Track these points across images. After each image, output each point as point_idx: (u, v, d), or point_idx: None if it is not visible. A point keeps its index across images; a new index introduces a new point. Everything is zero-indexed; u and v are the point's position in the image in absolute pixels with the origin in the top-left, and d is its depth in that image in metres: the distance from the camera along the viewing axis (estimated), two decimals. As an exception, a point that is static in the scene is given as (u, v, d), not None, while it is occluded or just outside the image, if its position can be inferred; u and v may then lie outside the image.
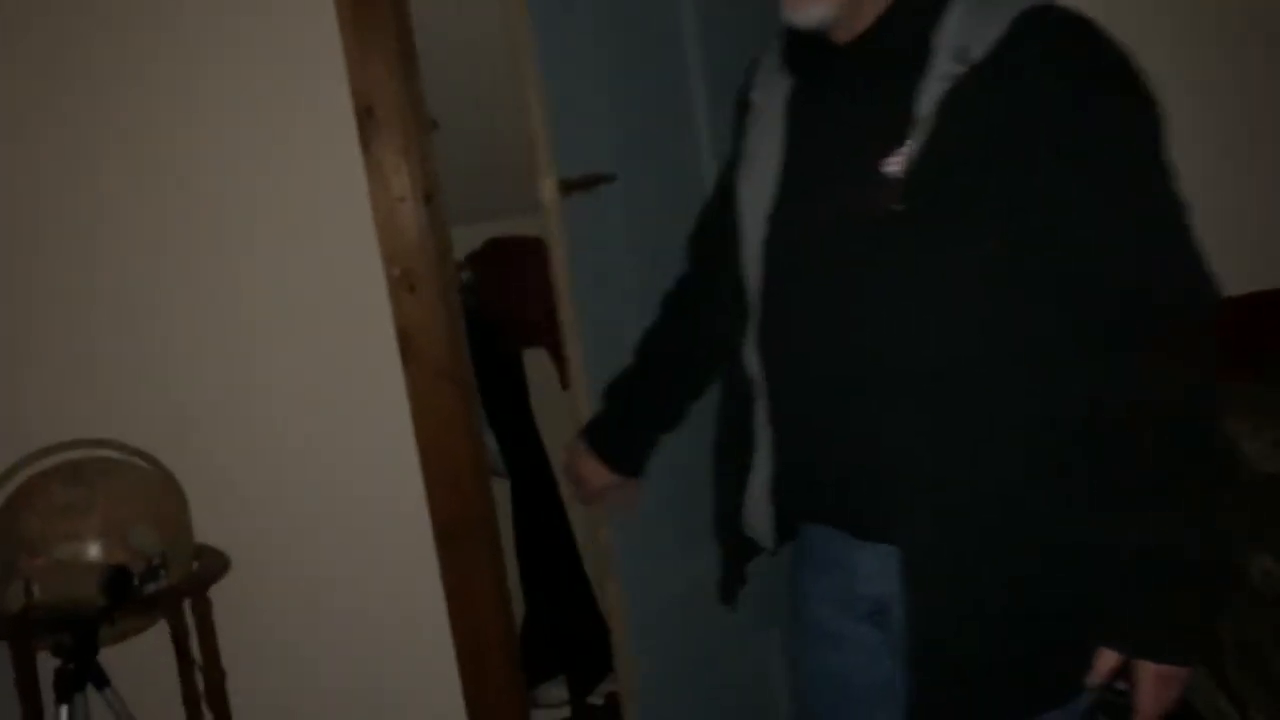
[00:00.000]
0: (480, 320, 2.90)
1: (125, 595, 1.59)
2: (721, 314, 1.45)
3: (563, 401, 3.42)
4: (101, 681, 1.62)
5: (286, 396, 2.13)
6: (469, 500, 2.18)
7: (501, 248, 3.18)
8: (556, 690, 3.16)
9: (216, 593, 1.98)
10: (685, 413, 1.70)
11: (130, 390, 2.10)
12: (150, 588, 1.66)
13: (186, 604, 1.91)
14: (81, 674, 1.56)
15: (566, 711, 3.16)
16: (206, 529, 2.03)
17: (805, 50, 1.35)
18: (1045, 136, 1.19)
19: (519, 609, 2.91)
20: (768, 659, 2.32)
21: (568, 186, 1.85)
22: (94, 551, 1.77)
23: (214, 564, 1.97)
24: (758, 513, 1.43)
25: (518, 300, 3.18)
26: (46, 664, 1.75)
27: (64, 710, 1.57)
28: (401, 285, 2.10)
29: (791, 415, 1.37)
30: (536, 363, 3.40)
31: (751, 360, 1.39)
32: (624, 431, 1.73)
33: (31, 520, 1.77)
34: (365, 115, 2.04)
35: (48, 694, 1.68)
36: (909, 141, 1.21)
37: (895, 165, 1.22)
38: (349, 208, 2.07)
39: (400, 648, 2.21)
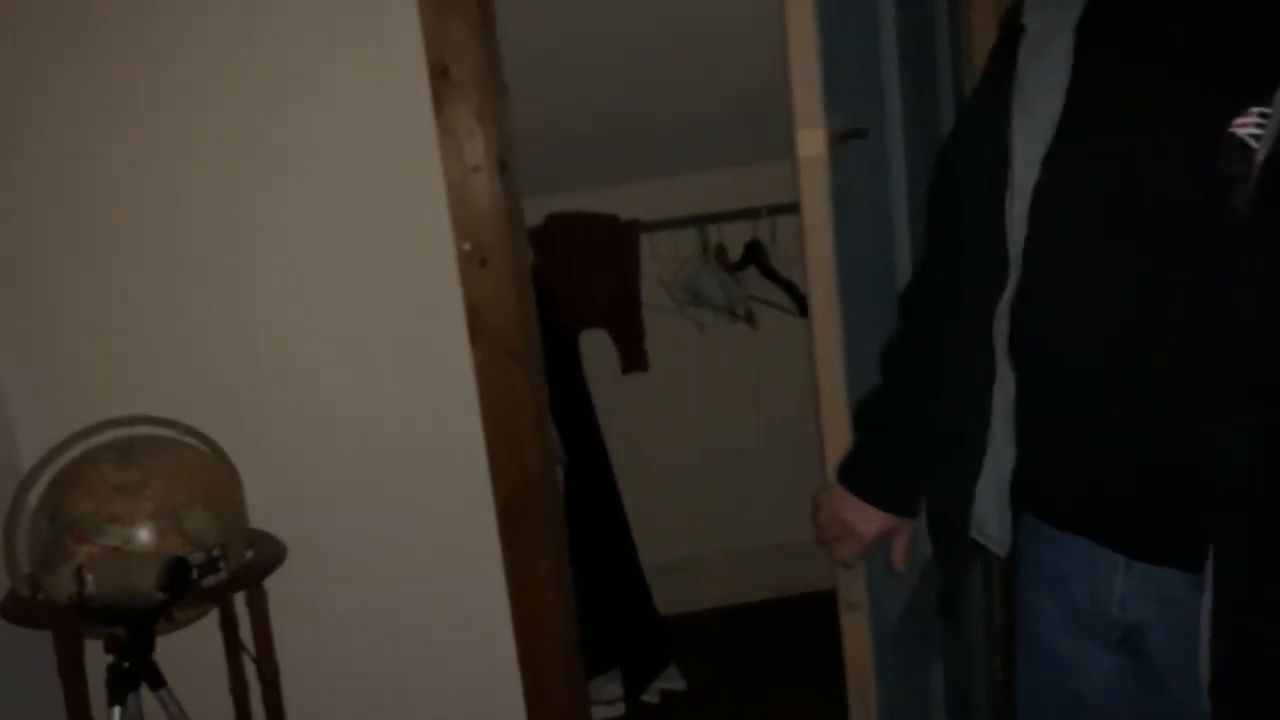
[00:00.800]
0: (539, 299, 2.79)
1: (184, 588, 1.46)
2: (972, 280, 1.24)
3: (621, 386, 3.34)
4: (157, 681, 1.50)
5: (347, 374, 2.01)
6: (534, 484, 2.06)
7: (564, 224, 3.06)
8: (610, 686, 3.04)
9: (270, 583, 1.86)
10: None
11: (182, 366, 1.98)
12: (209, 580, 1.54)
13: (239, 594, 1.79)
14: (137, 672, 1.44)
15: (620, 709, 3.05)
16: (260, 514, 1.91)
17: None
18: None
19: (574, 601, 2.79)
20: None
21: (838, 139, 1.57)
22: (145, 537, 1.65)
23: (269, 552, 1.84)
24: (991, 513, 1.26)
25: (581, 280, 3.06)
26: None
27: (116, 711, 1.45)
28: (472, 260, 1.97)
29: (1055, 403, 1.18)
30: (595, 345, 3.29)
31: (1001, 333, 1.20)
32: (891, 464, 1.46)
33: (82, 501, 1.65)
34: (440, 76, 1.90)
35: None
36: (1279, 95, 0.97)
37: (1249, 128, 0.99)
38: (419, 176, 1.94)
39: (460, 635, 2.10)
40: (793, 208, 3.21)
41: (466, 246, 1.96)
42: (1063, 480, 1.21)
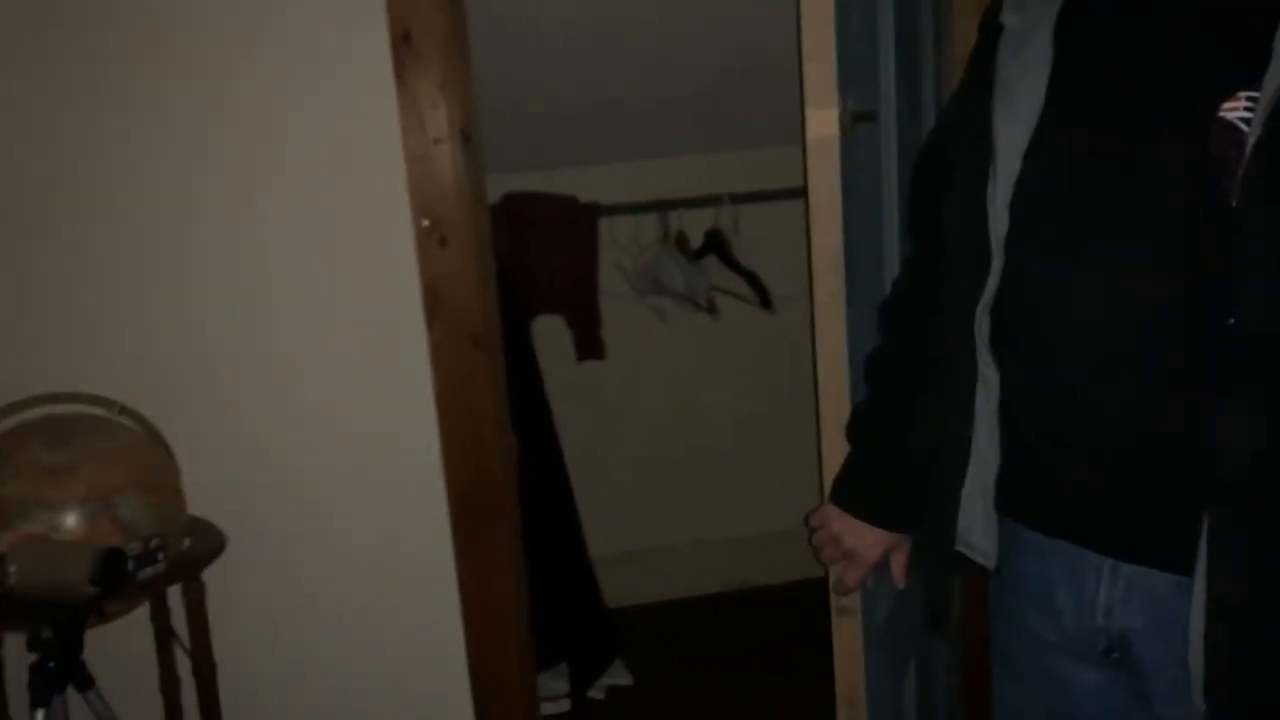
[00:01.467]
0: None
1: (119, 582, 1.35)
2: (954, 278, 1.21)
3: (576, 375, 3.26)
4: (85, 682, 1.39)
5: (293, 355, 1.91)
6: (492, 475, 1.98)
7: (521, 204, 2.95)
8: (555, 682, 2.95)
9: (208, 574, 1.75)
10: None
11: (118, 344, 1.86)
12: (147, 573, 1.42)
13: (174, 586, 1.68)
14: (63, 673, 1.33)
15: (565, 705, 2.96)
16: (198, 500, 1.79)
17: None
18: None
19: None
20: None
21: (850, 121, 1.51)
22: (74, 524, 1.53)
23: (208, 541, 1.74)
24: (977, 524, 1.22)
25: (537, 263, 2.96)
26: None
27: (40, 715, 1.33)
28: (432, 237, 1.87)
29: (1040, 401, 1.15)
30: (550, 331, 3.20)
31: (983, 330, 1.17)
32: (886, 480, 1.42)
33: (7, 483, 1.53)
34: (402, 42, 1.80)
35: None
36: (1267, 79, 0.96)
37: (1238, 111, 0.98)
38: (377, 147, 1.84)
39: (408, 630, 2.01)
40: (756, 197, 3.19)
41: (426, 223, 1.87)
42: (1049, 482, 1.17)
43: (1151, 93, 1.07)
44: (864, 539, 1.44)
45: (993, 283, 1.16)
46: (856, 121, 1.45)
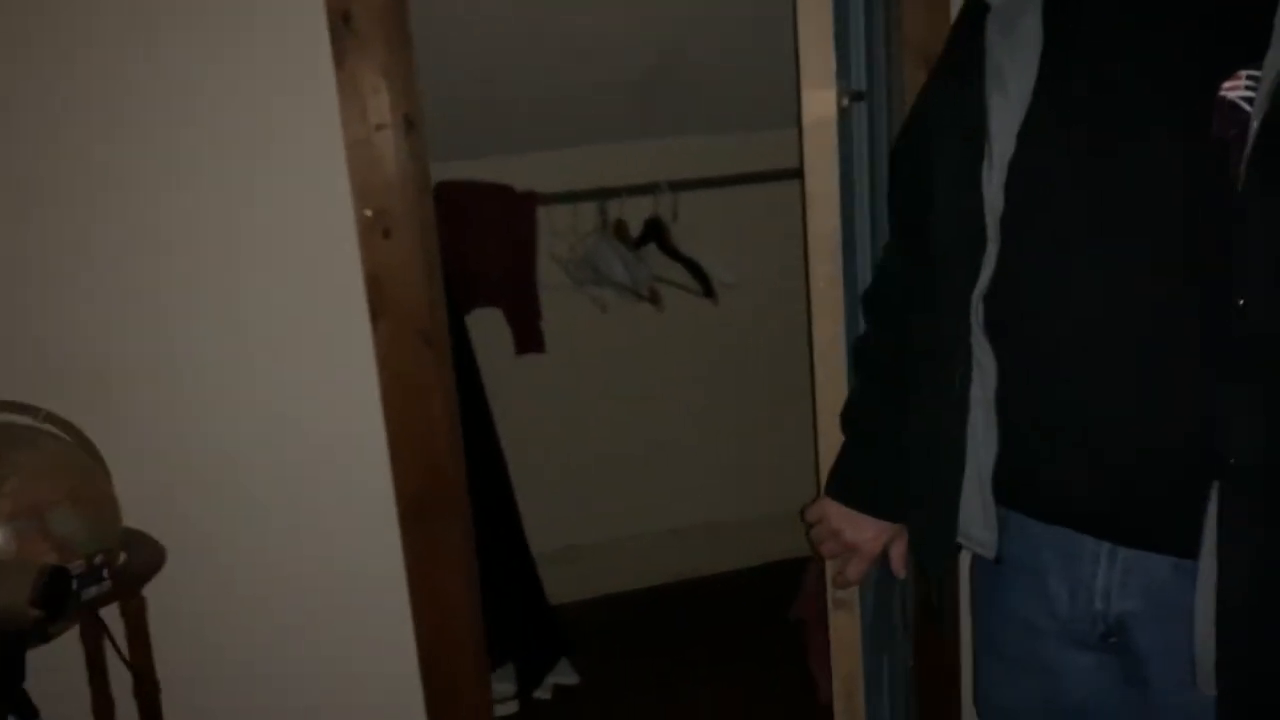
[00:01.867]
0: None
1: (63, 603, 1.24)
2: (947, 264, 1.19)
3: (514, 368, 3.18)
4: (29, 714, 1.28)
5: (230, 355, 1.80)
6: (443, 474, 1.91)
7: (455, 194, 2.86)
8: (502, 684, 2.88)
9: (148, 589, 1.65)
10: None
11: (41, 347, 1.74)
12: (92, 592, 1.33)
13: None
14: (4, 705, 1.22)
15: (513, 707, 2.90)
16: (134, 512, 1.69)
17: None
18: None
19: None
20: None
21: (847, 101, 1.46)
22: (2, 541, 1.43)
23: (147, 554, 1.64)
24: (975, 514, 1.19)
25: (473, 254, 2.88)
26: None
27: (-24, 751, 1.23)
28: (375, 228, 1.79)
29: (1039, 387, 1.13)
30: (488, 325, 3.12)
31: (979, 317, 1.15)
32: (882, 470, 1.39)
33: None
34: (341, 23, 1.71)
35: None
36: (1269, 57, 0.94)
37: (1239, 91, 0.96)
38: (316, 134, 1.75)
39: (358, 638, 1.93)
40: (695, 184, 3.14)
41: (368, 213, 1.78)
42: (1048, 470, 1.15)
43: (1147, 73, 1.05)
44: (864, 532, 1.42)
45: (988, 268, 1.14)
46: (854, 100, 1.40)
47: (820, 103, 1.31)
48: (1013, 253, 1.12)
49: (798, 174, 2.98)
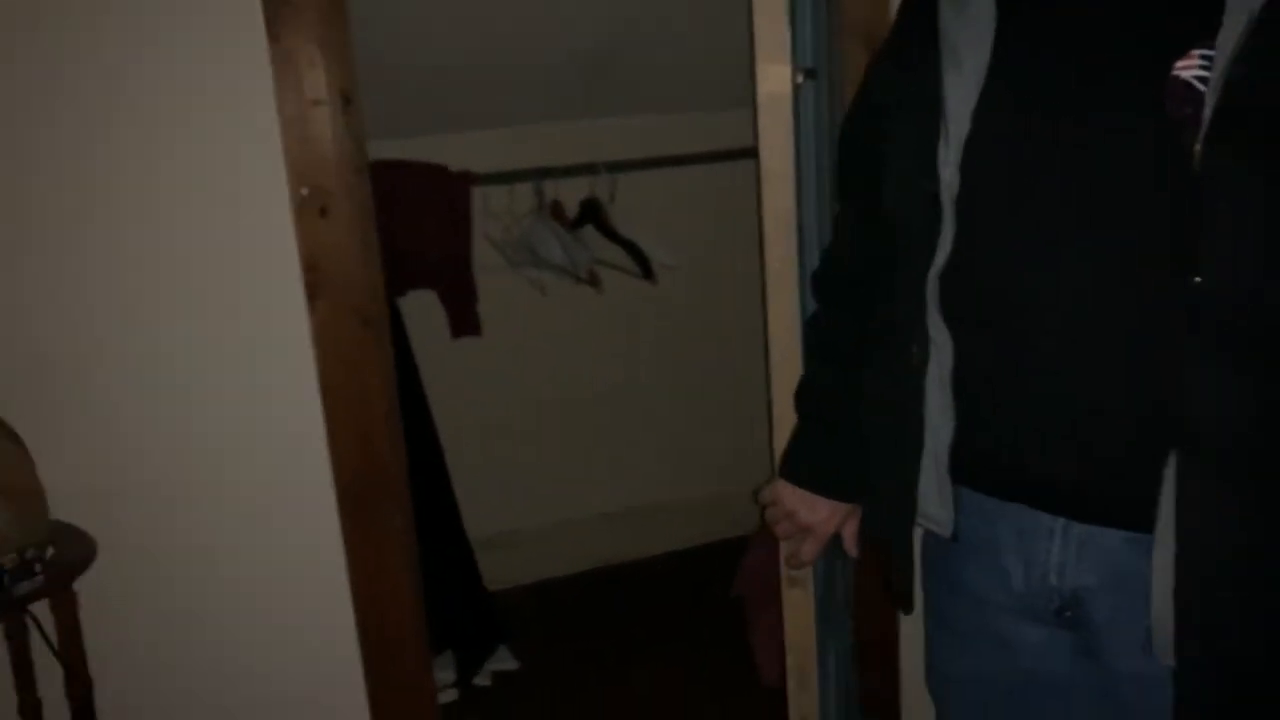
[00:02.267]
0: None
1: (-6, 601, 1.19)
2: (904, 244, 1.18)
3: (450, 352, 3.12)
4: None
5: (161, 339, 1.74)
6: (383, 462, 1.86)
7: (388, 174, 2.79)
8: (441, 672, 2.84)
9: (79, 584, 1.58)
10: None
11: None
12: (23, 588, 1.27)
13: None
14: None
15: (453, 695, 2.86)
16: (60, 504, 1.62)
17: None
18: None
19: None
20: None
21: (801, 76, 1.41)
22: (-78, 535, 1.36)
23: (77, 549, 1.57)
24: (931, 493, 1.19)
25: (407, 236, 2.82)
26: None
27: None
28: (311, 207, 1.74)
29: (996, 363, 1.12)
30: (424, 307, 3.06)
31: (935, 296, 1.14)
32: (835, 450, 1.39)
33: None
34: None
35: None
36: (1222, 35, 0.94)
37: (1193, 70, 0.96)
38: (249, 109, 1.69)
39: (298, 628, 1.88)
40: (633, 165, 3.10)
41: (304, 191, 1.73)
42: (1005, 447, 1.15)
43: (1100, 50, 1.05)
44: (818, 513, 1.41)
45: (945, 247, 1.13)
46: (807, 77, 1.38)
47: (775, 78, 1.28)
48: (968, 232, 1.12)
49: (738, 155, 3.00)
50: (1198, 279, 0.97)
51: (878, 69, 1.35)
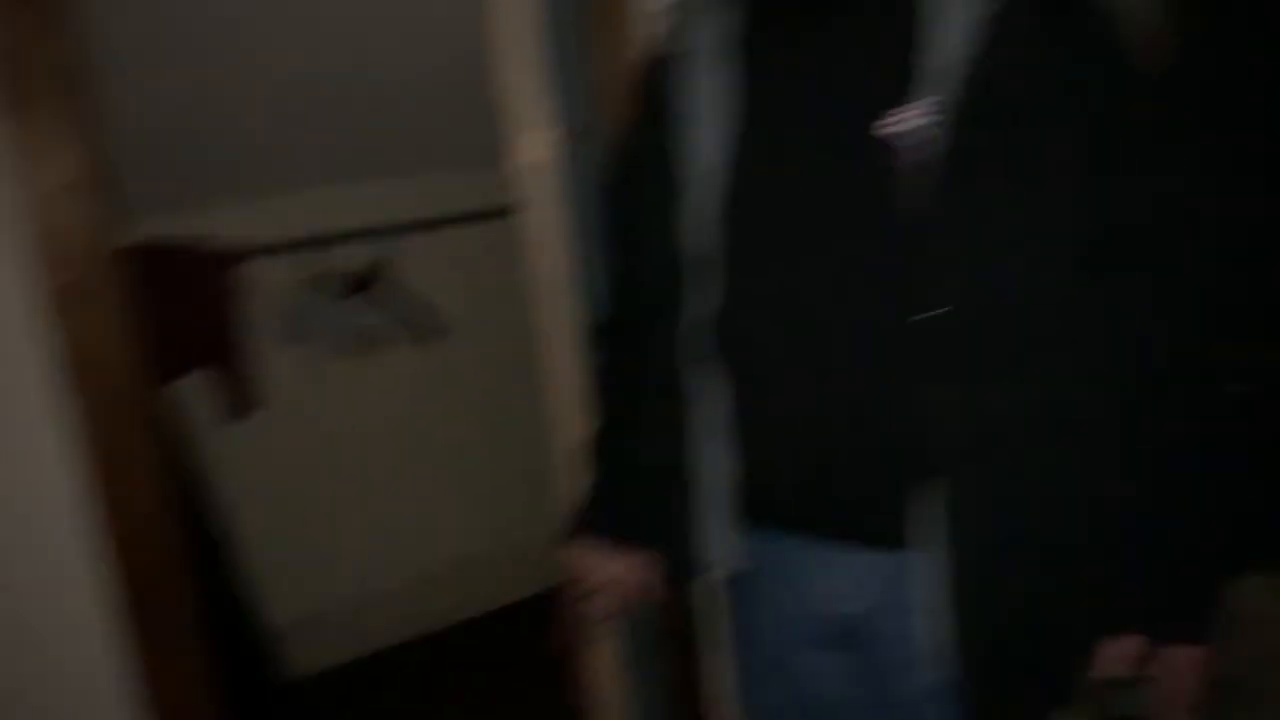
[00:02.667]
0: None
1: None
2: (668, 298, 1.24)
3: (229, 435, 2.97)
4: None
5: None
6: (162, 563, 1.74)
7: (145, 258, 2.65)
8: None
9: None
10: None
11: None
12: None
13: None
14: None
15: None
16: None
17: None
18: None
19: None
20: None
21: (568, 139, 1.41)
22: None
23: None
24: (713, 534, 1.23)
25: (171, 320, 2.67)
26: None
27: None
28: (68, 296, 1.63)
29: (762, 405, 1.19)
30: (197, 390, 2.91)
31: (699, 346, 1.20)
32: (626, 501, 1.39)
33: None
34: (16, 74, 1.55)
35: None
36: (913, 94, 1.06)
37: (898, 125, 1.07)
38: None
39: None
40: (406, 227, 3.06)
41: (61, 280, 1.61)
42: (778, 481, 1.22)
43: (823, 109, 1.15)
44: (614, 567, 1.42)
45: (708, 296, 1.20)
46: (573, 139, 1.39)
47: (533, 144, 1.29)
48: (730, 281, 1.19)
49: (512, 212, 2.99)
50: (927, 315, 1.07)
51: (628, 131, 1.40)
